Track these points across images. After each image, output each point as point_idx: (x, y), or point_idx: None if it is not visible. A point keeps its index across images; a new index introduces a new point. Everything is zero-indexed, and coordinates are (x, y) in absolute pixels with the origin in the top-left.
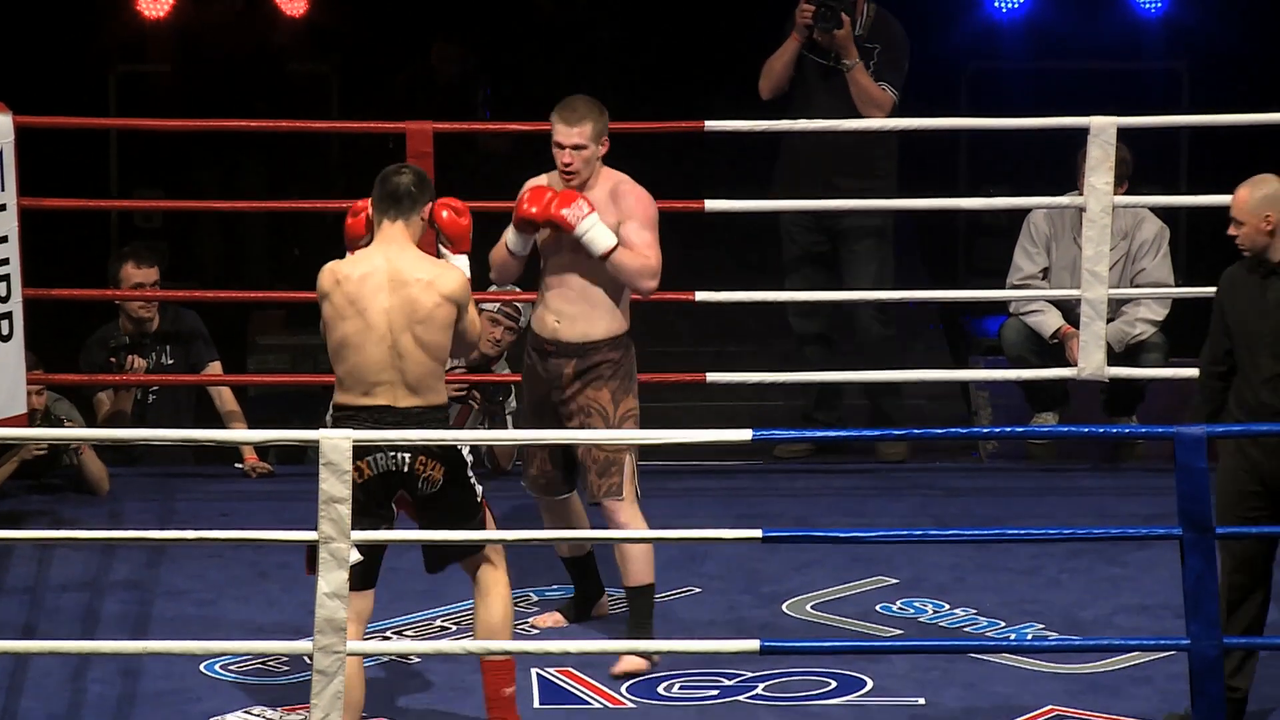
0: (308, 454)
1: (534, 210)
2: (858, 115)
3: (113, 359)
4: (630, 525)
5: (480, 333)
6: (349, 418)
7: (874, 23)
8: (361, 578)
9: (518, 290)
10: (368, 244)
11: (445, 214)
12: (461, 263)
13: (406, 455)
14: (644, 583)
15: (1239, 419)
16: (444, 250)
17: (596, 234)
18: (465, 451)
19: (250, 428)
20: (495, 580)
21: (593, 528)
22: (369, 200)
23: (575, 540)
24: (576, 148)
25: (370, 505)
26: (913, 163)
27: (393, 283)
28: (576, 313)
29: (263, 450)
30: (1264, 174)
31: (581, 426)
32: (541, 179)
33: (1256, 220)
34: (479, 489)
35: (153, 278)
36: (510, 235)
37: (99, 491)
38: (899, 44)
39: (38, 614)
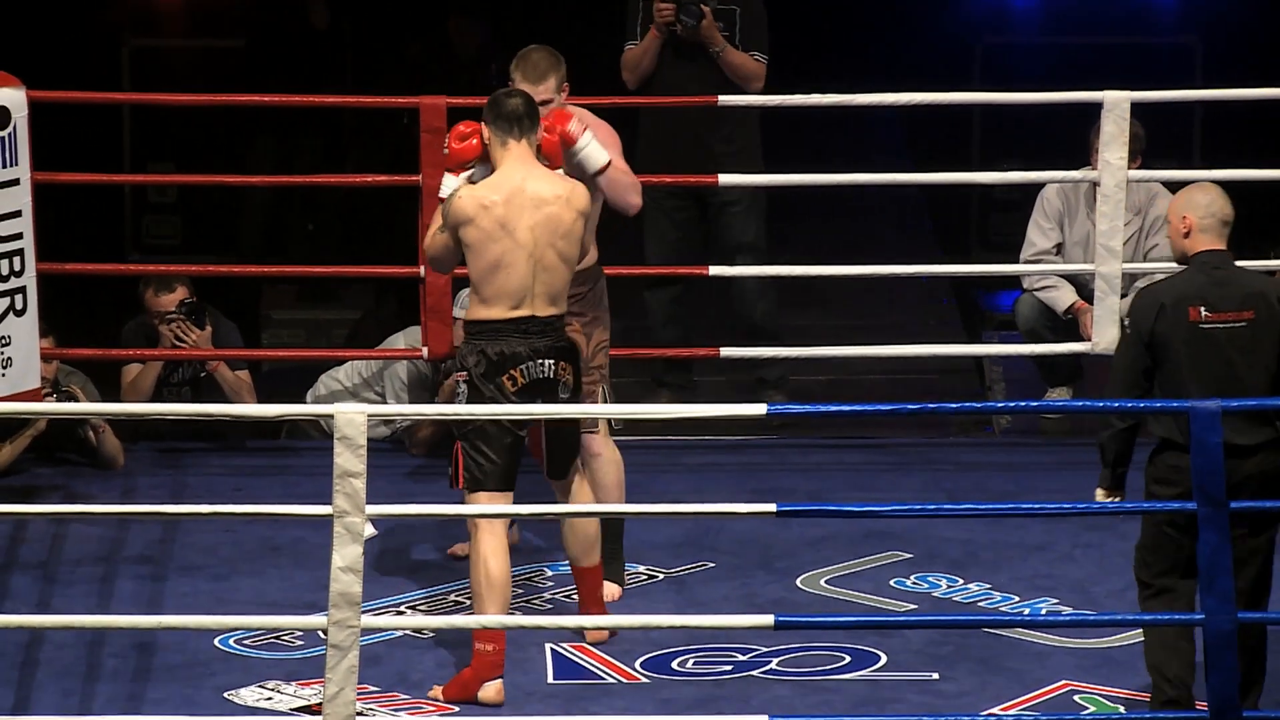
0: (303, 429)
1: (457, 145)
2: (726, 84)
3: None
4: (604, 454)
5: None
6: (495, 331)
7: None
8: (503, 479)
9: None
10: (484, 165)
11: (545, 135)
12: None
13: (551, 362)
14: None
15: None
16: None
17: (595, 149)
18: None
19: (263, 402)
20: (582, 485)
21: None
22: (475, 124)
23: (593, 514)
24: (544, 103)
25: (509, 425)
26: (925, 137)
27: (535, 201)
28: None
29: (272, 427)
30: (1206, 183)
31: None
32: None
33: (1176, 220)
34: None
35: (174, 301)
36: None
37: (114, 467)
38: (756, 2)
39: (52, 588)
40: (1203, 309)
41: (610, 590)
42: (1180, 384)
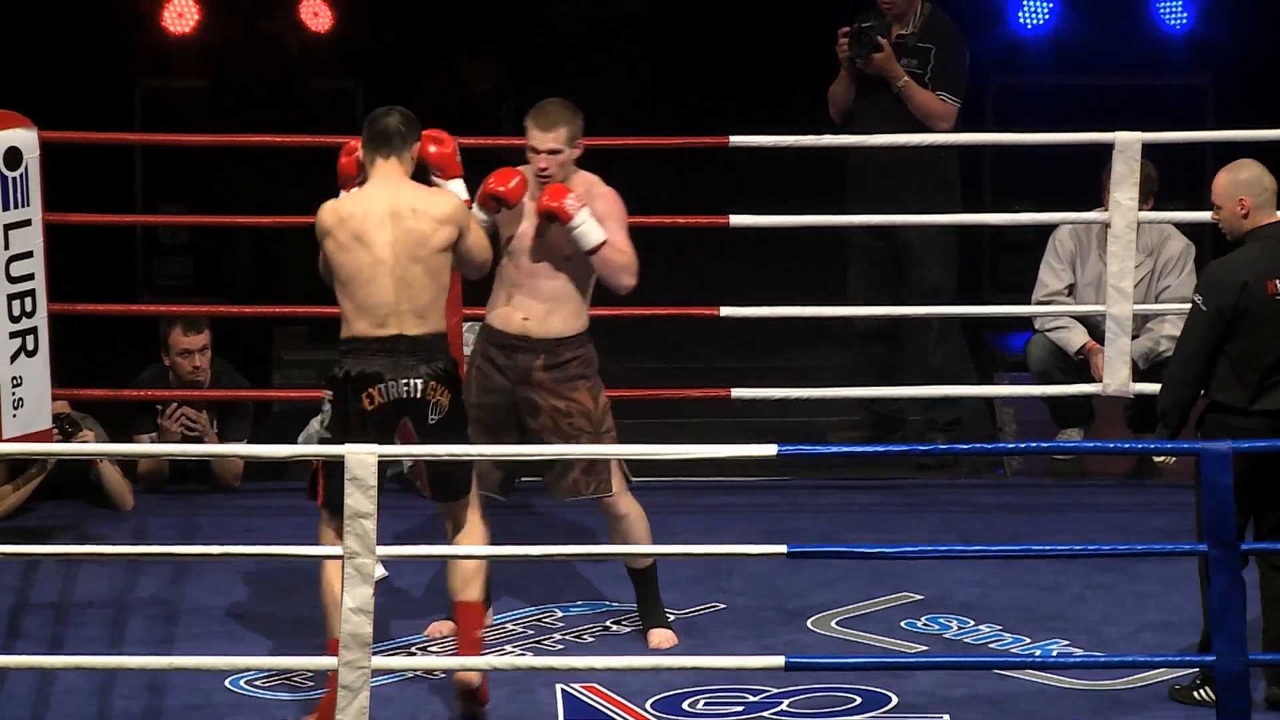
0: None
1: (503, 189)
2: (919, 123)
3: (160, 405)
4: (631, 514)
5: (488, 249)
6: (362, 349)
7: (927, 22)
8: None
9: None
10: (361, 183)
11: (431, 148)
12: (456, 187)
13: (418, 382)
14: (646, 565)
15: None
16: (438, 181)
17: (590, 228)
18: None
19: (275, 443)
20: (474, 521)
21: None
22: (360, 140)
23: (616, 556)
24: (552, 152)
25: (374, 432)
26: None
27: (393, 216)
28: (546, 310)
29: (274, 468)
30: (1244, 159)
31: (561, 427)
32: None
33: (1231, 204)
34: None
35: (200, 343)
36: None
37: (122, 507)
38: (953, 44)
39: (63, 629)
40: (1278, 281)
41: (662, 636)
42: (1257, 355)
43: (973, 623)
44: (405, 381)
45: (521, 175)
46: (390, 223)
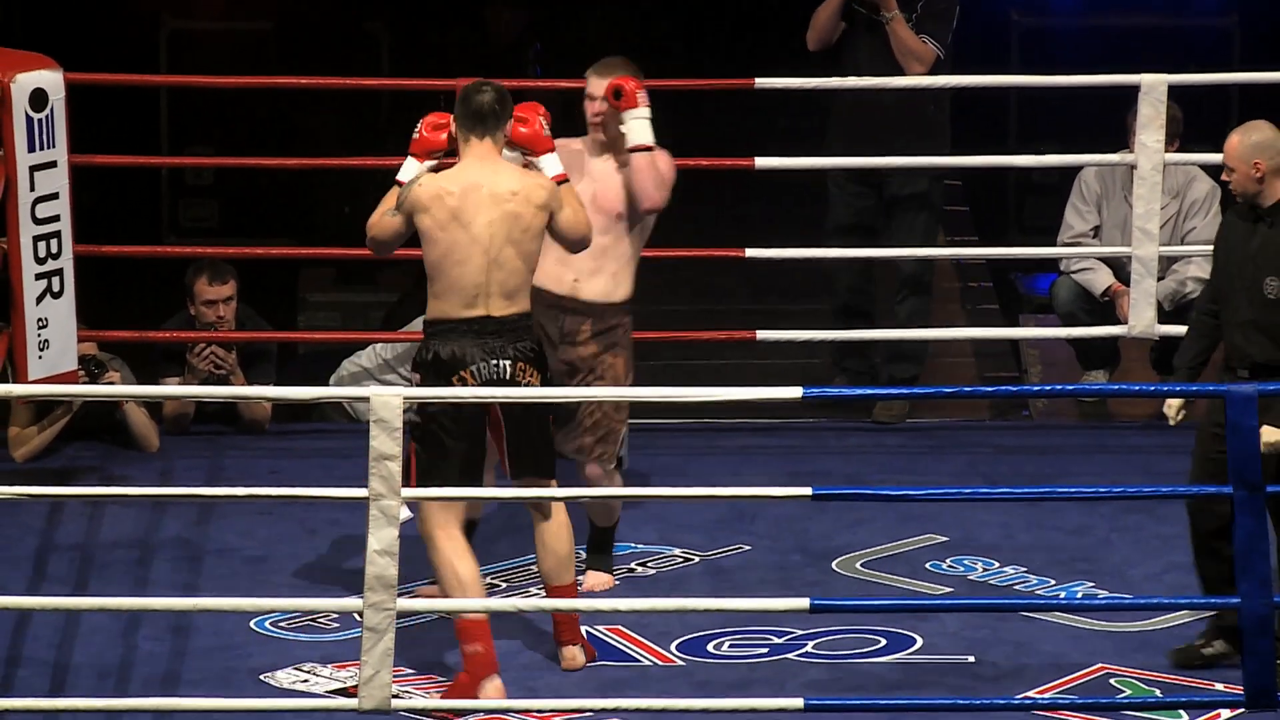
0: (327, 411)
1: (531, 126)
2: (901, 69)
3: (189, 346)
4: (614, 488)
5: (583, 224)
6: (449, 330)
7: None
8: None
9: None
10: (449, 157)
11: (521, 129)
12: (549, 162)
13: (507, 363)
14: (610, 524)
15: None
16: (529, 159)
17: (644, 127)
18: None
19: (300, 385)
20: (559, 508)
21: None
22: (448, 116)
23: (610, 498)
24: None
25: (466, 418)
26: (963, 120)
27: (492, 198)
28: (596, 271)
29: (300, 409)
30: (1257, 120)
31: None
32: (574, 142)
33: (1246, 167)
34: None
35: (226, 294)
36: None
37: (148, 448)
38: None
39: (89, 571)
40: None
41: (598, 580)
42: None
43: (998, 564)
44: (495, 363)
45: (449, 119)
46: (489, 205)
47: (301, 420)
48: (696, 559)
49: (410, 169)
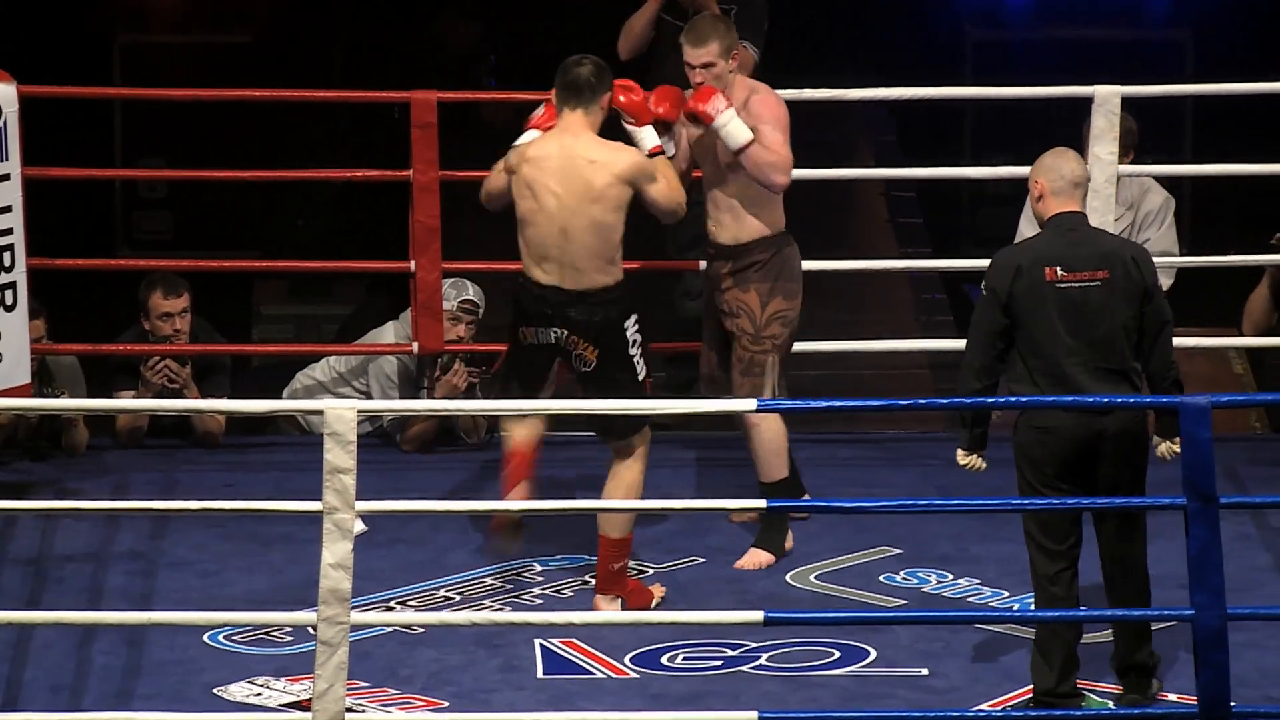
0: (281, 424)
1: (661, 109)
2: None
3: (143, 359)
4: (764, 428)
5: (675, 196)
6: (524, 287)
7: None
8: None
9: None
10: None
11: (621, 97)
12: (647, 134)
13: (560, 332)
14: (777, 478)
15: (1042, 389)
16: (629, 128)
17: (734, 128)
18: (631, 332)
19: (254, 399)
20: (635, 458)
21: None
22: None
23: (587, 511)
24: (706, 66)
25: (528, 366)
26: (917, 131)
27: (565, 168)
28: (727, 216)
29: (254, 423)
30: (1067, 148)
31: (732, 328)
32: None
33: (1030, 183)
34: (641, 369)
35: (180, 306)
36: (645, 137)
37: (76, 452)
38: (756, 1)
39: (42, 584)
40: (1058, 269)
41: (760, 558)
42: (1037, 343)
43: (951, 576)
44: (549, 330)
45: (693, 89)
46: (561, 174)
47: (255, 433)
48: (650, 571)
49: (647, 139)
